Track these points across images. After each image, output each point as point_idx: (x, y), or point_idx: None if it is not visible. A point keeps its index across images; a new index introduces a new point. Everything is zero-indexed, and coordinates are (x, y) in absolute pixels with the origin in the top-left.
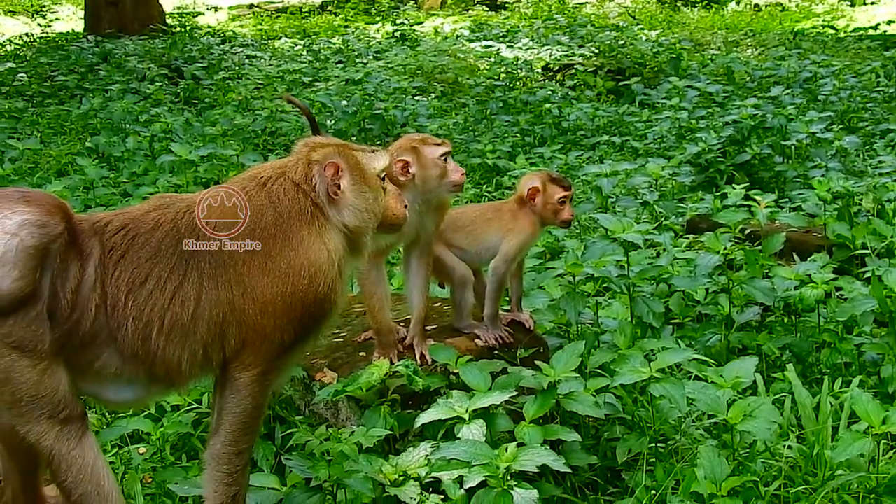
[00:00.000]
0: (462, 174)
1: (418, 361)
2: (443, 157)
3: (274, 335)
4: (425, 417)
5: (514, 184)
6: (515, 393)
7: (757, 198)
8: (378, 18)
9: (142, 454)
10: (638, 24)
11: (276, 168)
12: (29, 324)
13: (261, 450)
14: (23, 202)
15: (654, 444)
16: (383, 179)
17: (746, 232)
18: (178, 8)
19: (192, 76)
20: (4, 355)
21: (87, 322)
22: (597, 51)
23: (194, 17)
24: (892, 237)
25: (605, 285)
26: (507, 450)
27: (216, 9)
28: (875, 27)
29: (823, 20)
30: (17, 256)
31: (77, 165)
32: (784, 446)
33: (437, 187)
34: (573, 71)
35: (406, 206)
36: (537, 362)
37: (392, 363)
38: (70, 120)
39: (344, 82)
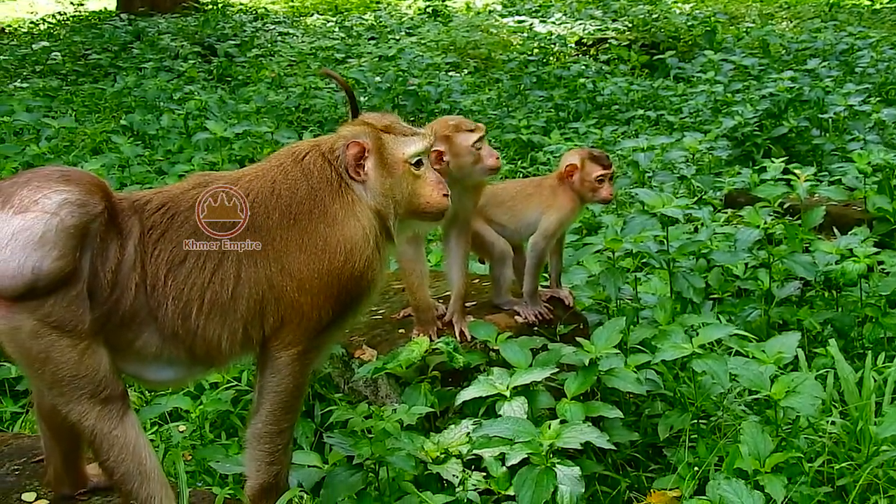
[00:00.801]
0: (497, 158)
1: (458, 338)
2: (476, 144)
3: (312, 313)
4: (466, 395)
5: (548, 159)
6: (556, 369)
7: (797, 171)
8: None
9: (181, 432)
10: None
11: (312, 143)
12: (69, 303)
13: (301, 428)
14: (62, 181)
15: (696, 421)
16: (418, 165)
17: (785, 206)
18: None
19: (225, 54)
20: (45, 335)
21: (127, 301)
22: (630, 25)
23: None
24: None
25: (644, 261)
26: (549, 427)
27: None
28: None
29: None
30: (57, 236)
31: (112, 143)
32: (827, 422)
33: (471, 172)
34: (607, 45)
35: (447, 195)
36: (577, 339)
37: (432, 340)
38: (104, 98)
39: (377, 59)
